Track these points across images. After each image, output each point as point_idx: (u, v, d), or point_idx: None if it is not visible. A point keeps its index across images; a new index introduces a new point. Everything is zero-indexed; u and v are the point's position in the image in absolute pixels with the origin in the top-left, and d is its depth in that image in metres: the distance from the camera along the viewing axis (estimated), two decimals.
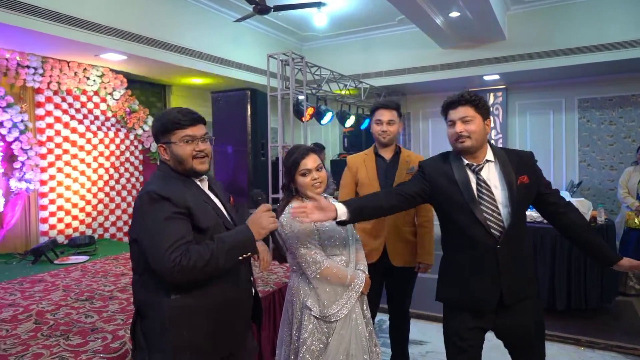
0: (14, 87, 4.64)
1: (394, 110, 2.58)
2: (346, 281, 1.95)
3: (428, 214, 2.63)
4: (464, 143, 1.81)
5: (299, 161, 1.98)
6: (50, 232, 4.97)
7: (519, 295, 1.83)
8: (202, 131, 1.63)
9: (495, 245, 1.78)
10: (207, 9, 5.94)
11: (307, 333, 1.93)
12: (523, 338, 1.87)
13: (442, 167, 1.90)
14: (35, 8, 3.95)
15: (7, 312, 2.80)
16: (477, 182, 1.83)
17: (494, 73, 6.80)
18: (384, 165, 2.63)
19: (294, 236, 1.94)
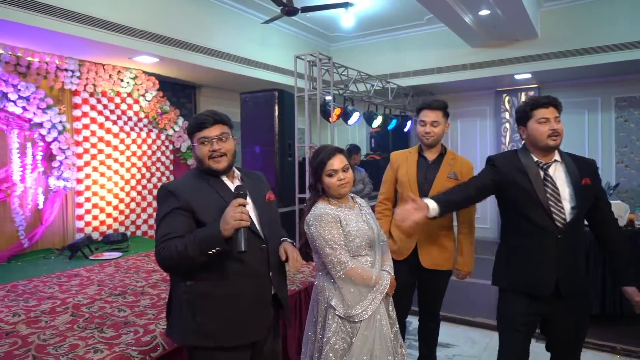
0: (53, 90, 4.84)
1: (438, 110, 2.49)
2: (371, 282, 1.94)
3: (466, 220, 2.55)
4: (556, 140, 1.99)
5: (326, 161, 1.98)
6: (85, 228, 5.16)
7: (573, 287, 1.98)
8: (217, 131, 1.70)
9: (557, 235, 1.96)
10: (236, 11, 6.04)
11: (330, 332, 1.94)
12: (567, 334, 2.03)
13: (512, 161, 2.09)
14: (72, 13, 4.12)
15: (46, 304, 2.94)
16: (544, 178, 2.01)
17: (526, 72, 6.63)
18: (425, 165, 2.56)
19: (320, 236, 1.94)
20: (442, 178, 2.51)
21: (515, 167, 2.05)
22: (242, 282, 1.68)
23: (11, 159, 4.52)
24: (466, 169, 2.56)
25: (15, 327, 2.52)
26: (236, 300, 1.67)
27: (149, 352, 2.18)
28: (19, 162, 4.56)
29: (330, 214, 1.96)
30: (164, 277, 3.53)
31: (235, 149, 1.81)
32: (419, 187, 2.53)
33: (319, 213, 1.97)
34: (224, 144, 1.72)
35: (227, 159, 1.73)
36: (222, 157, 1.71)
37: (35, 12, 3.84)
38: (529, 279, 2.01)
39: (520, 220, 2.06)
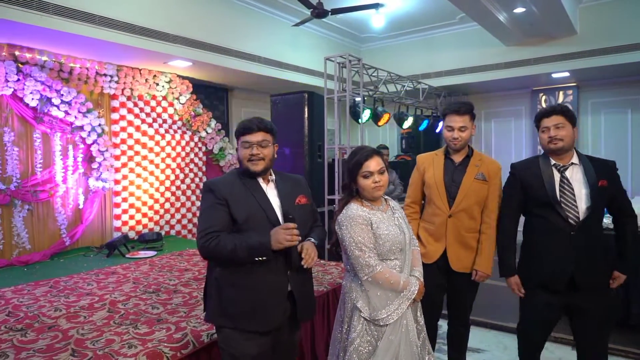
0: (93, 94, 5.06)
1: (466, 115, 2.45)
2: (398, 287, 1.93)
3: (490, 221, 2.50)
4: (557, 144, 2.17)
5: (362, 162, 1.97)
6: (122, 228, 5.36)
7: (589, 279, 2.13)
8: (258, 138, 1.88)
9: (570, 232, 2.13)
10: (267, 14, 6.12)
11: (355, 333, 1.94)
12: (590, 326, 2.17)
13: (529, 166, 2.31)
14: (112, 21, 4.29)
15: (85, 300, 3.07)
16: (561, 179, 2.19)
17: (564, 70, 6.40)
18: (452, 168, 2.53)
19: (350, 237, 1.94)
20: (470, 180, 2.48)
21: (532, 172, 2.28)
22: (262, 276, 1.86)
23: (54, 160, 4.75)
24: (493, 170, 2.53)
25: (56, 321, 2.65)
26: (255, 291, 1.86)
27: (180, 349, 2.25)
28: (61, 163, 4.79)
29: (362, 215, 1.95)
30: (195, 277, 3.62)
31: (273, 154, 1.95)
32: (447, 189, 2.50)
33: (351, 214, 1.96)
34: (263, 149, 1.89)
35: (264, 163, 1.90)
36: (260, 161, 1.89)
37: (77, 20, 4.02)
38: (546, 273, 2.20)
39: (536, 219, 2.27)
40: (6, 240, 4.40)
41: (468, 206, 2.48)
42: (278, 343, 1.97)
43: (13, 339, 2.39)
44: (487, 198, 2.49)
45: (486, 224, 2.51)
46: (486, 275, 2.53)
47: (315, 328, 3.12)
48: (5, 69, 4.17)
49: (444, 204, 2.48)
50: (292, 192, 2.00)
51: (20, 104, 4.44)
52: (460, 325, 2.71)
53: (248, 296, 1.86)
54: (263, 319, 1.86)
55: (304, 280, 2.01)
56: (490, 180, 2.49)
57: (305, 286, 2.01)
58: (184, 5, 5.00)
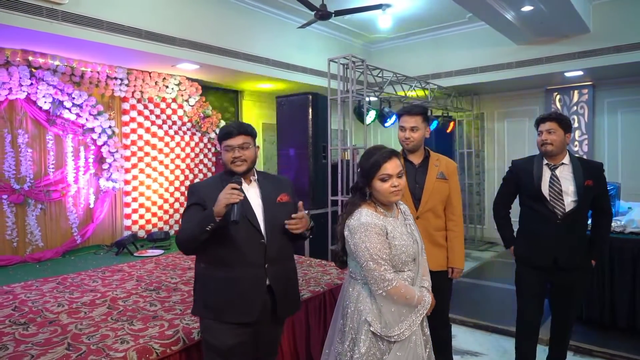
0: (104, 97, 5.21)
1: (417, 116, 2.51)
2: (413, 302, 1.79)
3: (456, 218, 2.59)
4: (546, 147, 2.53)
5: (381, 164, 1.81)
6: (132, 227, 5.50)
7: (570, 261, 2.52)
8: (239, 141, 1.97)
9: (556, 221, 2.50)
10: (274, 16, 6.18)
11: (364, 349, 1.80)
12: (566, 296, 2.65)
13: (526, 164, 2.67)
14: (120, 26, 4.41)
15: (88, 296, 3.17)
16: (551, 177, 2.54)
17: (577, 69, 6.26)
18: (413, 170, 2.59)
19: (365, 247, 1.77)
20: (432, 180, 2.54)
21: (526, 169, 2.63)
22: (240, 270, 1.93)
23: (66, 161, 4.92)
24: (451, 168, 2.62)
25: (58, 316, 2.75)
26: (233, 284, 1.93)
27: (170, 345, 2.31)
28: (73, 164, 4.96)
29: (378, 224, 1.80)
30: None
31: (255, 156, 2.05)
32: (411, 191, 2.54)
33: (366, 222, 1.79)
34: (244, 151, 1.99)
35: (247, 164, 2.00)
36: (243, 163, 1.99)
37: (85, 26, 4.16)
38: (534, 254, 2.61)
39: (529, 210, 2.65)
40: (20, 237, 4.58)
41: (433, 206, 2.54)
42: (260, 335, 2.02)
43: (15, 332, 2.50)
44: (450, 196, 2.57)
45: (453, 221, 2.58)
46: (461, 271, 2.60)
47: (311, 329, 3.15)
48: (20, 74, 4.34)
49: (411, 207, 2.50)
50: (273, 191, 2.06)
51: (34, 107, 4.61)
52: (441, 327, 2.68)
53: (227, 289, 1.93)
54: (241, 311, 1.93)
55: (285, 275, 2.04)
56: (450, 178, 2.58)
57: (285, 281, 2.03)
58: (190, 9, 5.10)
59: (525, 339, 2.75)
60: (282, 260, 2.02)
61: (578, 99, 7.21)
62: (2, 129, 4.46)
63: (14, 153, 4.53)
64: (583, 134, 7.16)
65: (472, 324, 3.81)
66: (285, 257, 2.05)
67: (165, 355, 2.26)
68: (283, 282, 2.02)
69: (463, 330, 3.77)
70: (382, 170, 1.81)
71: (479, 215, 8.10)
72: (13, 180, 4.51)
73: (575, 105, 7.21)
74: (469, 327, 3.79)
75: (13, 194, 4.49)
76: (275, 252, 1.96)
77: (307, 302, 3.13)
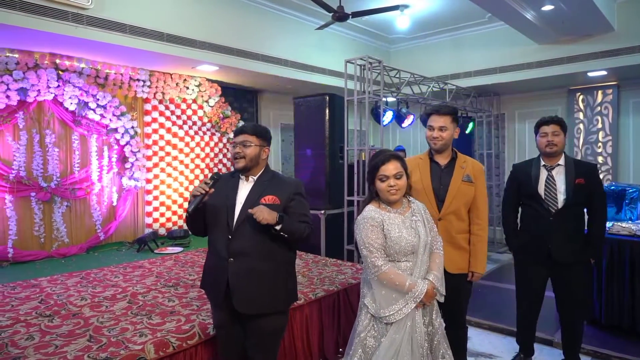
0: (127, 98, 5.37)
1: (447, 115, 2.48)
2: (403, 289, 1.95)
3: (481, 222, 2.53)
4: (552, 148, 2.74)
5: (379, 166, 2.05)
6: (153, 224, 5.64)
7: (564, 254, 2.71)
8: (241, 139, 2.13)
9: (549, 218, 2.73)
10: (292, 18, 6.24)
11: (362, 327, 2.04)
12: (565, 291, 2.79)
13: (525, 166, 2.91)
14: (143, 30, 4.54)
15: (109, 291, 3.29)
16: (547, 177, 2.77)
17: (601, 69, 6.11)
18: (439, 171, 2.55)
19: (361, 237, 2.03)
20: (457, 182, 2.50)
21: (525, 171, 2.87)
22: (213, 258, 2.16)
23: (90, 160, 5.08)
24: (478, 171, 2.57)
25: (81, 309, 2.87)
26: (208, 270, 2.21)
27: (186, 339, 2.39)
28: (97, 163, 5.12)
29: (374, 217, 2.03)
30: None
31: (256, 155, 2.13)
32: (435, 192, 2.51)
33: (365, 215, 2.05)
34: (244, 148, 2.11)
35: (245, 161, 2.11)
36: (241, 159, 2.11)
37: (109, 30, 4.29)
38: (530, 248, 2.82)
39: (527, 208, 2.88)
40: (47, 233, 4.76)
41: (457, 208, 2.48)
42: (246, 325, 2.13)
43: (41, 324, 2.62)
44: (475, 199, 2.51)
45: (478, 225, 2.53)
46: (481, 275, 2.57)
47: (324, 327, 3.19)
48: (47, 76, 4.51)
49: (433, 208, 2.48)
50: (264, 192, 2.09)
51: (61, 108, 4.79)
52: (457, 328, 2.68)
53: (206, 272, 2.23)
54: (212, 294, 2.19)
55: (248, 272, 2.05)
56: (477, 181, 2.52)
57: (247, 278, 2.04)
58: (210, 12, 5.20)
59: (525, 332, 3.03)
60: (250, 258, 2.04)
61: (602, 99, 7.04)
62: (31, 129, 4.65)
63: (41, 152, 4.71)
64: (607, 135, 6.99)
65: (488, 326, 3.78)
66: (256, 255, 2.05)
67: (181, 349, 2.34)
68: (243, 279, 2.04)
69: (478, 332, 3.74)
70: (380, 172, 2.05)
71: (499, 217, 7.99)
72: (41, 178, 4.70)
73: (599, 105, 7.05)
74: (484, 330, 3.77)
75: (41, 191, 4.67)
76: (240, 248, 2.05)
77: (321, 300, 3.18)
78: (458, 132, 2.57)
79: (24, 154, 4.57)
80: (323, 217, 4.95)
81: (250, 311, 2.06)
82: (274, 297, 2.09)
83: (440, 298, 2.08)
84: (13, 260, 4.47)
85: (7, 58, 4.29)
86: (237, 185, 2.15)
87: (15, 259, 4.48)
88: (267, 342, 2.14)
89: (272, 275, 2.09)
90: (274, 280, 2.09)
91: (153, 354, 2.22)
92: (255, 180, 2.15)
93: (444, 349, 2.10)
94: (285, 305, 2.18)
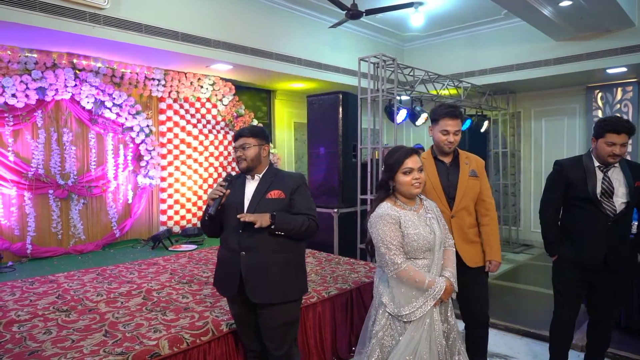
0: (142, 97, 5.42)
1: (459, 119, 2.49)
2: (423, 286, 1.95)
3: (491, 214, 2.57)
4: (615, 159, 2.50)
5: (403, 160, 2.05)
6: (168, 222, 5.69)
7: (619, 262, 2.53)
8: (240, 142, 2.24)
9: (607, 223, 2.50)
10: (306, 16, 6.24)
11: (379, 326, 2.03)
12: (608, 298, 2.61)
13: (575, 166, 2.62)
14: (157, 29, 4.58)
15: (125, 287, 3.33)
16: (603, 179, 2.53)
17: (620, 65, 5.98)
18: (445, 170, 2.56)
19: (378, 235, 2.01)
20: (465, 178, 2.52)
21: (576, 171, 2.60)
22: (226, 253, 2.25)
23: (107, 159, 5.15)
24: (481, 165, 2.62)
25: (97, 305, 2.91)
26: (221, 263, 2.31)
27: (199, 335, 2.41)
28: (113, 161, 5.19)
29: (391, 214, 2.02)
30: None
31: (256, 154, 2.25)
32: (444, 190, 2.51)
33: (381, 213, 2.03)
34: (244, 151, 2.23)
35: (247, 163, 2.23)
36: (243, 161, 2.23)
37: (125, 30, 4.34)
38: (585, 255, 2.56)
39: (577, 210, 2.61)
40: (64, 230, 4.84)
41: (467, 204, 2.51)
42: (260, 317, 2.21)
43: (58, 318, 2.67)
44: (482, 193, 2.55)
45: (487, 216, 2.56)
46: (499, 264, 2.59)
47: (337, 325, 3.19)
48: (65, 75, 4.59)
49: (445, 206, 2.47)
50: (269, 188, 2.22)
51: (78, 106, 4.86)
52: (479, 327, 2.64)
53: (219, 266, 2.32)
54: (221, 286, 2.30)
55: (260, 264, 2.16)
56: (481, 175, 2.56)
57: (258, 270, 2.15)
58: (224, 11, 5.22)
59: (561, 341, 2.76)
60: (260, 251, 2.15)
61: (622, 96, 6.89)
62: (49, 127, 4.73)
63: (59, 150, 4.79)
64: None
65: (504, 326, 3.73)
66: (266, 248, 2.15)
67: (194, 345, 2.36)
68: (255, 270, 2.15)
69: (494, 332, 3.68)
70: (404, 165, 2.04)
71: (514, 217, 7.89)
72: (58, 176, 4.78)
73: (619, 103, 6.90)
74: (500, 330, 3.72)
75: (58, 189, 4.75)
76: (250, 243, 2.15)
77: (334, 299, 3.18)
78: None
79: (42, 152, 4.65)
80: (336, 215, 4.93)
81: (263, 300, 2.15)
82: (284, 287, 2.18)
83: (454, 295, 2.08)
84: (32, 256, 4.56)
85: (27, 58, 4.37)
86: (245, 184, 2.27)
87: (34, 255, 4.57)
88: (281, 332, 2.20)
89: (282, 266, 2.18)
90: (284, 271, 2.19)
91: (167, 350, 2.24)
92: (261, 177, 2.27)
93: (459, 345, 2.10)
94: (296, 295, 2.26)
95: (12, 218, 4.48)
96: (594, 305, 2.70)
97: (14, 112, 4.40)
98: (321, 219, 2.95)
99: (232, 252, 2.19)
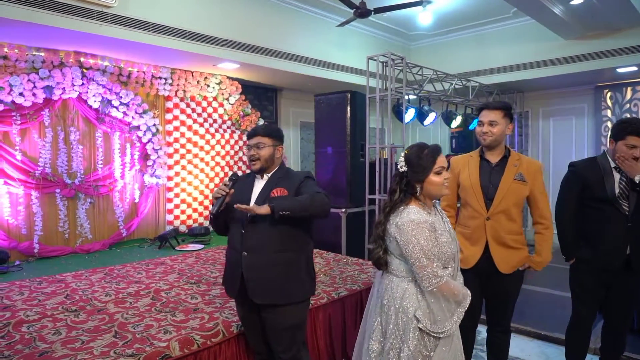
0: (149, 96, 5.41)
1: (498, 110, 2.37)
2: (460, 297, 1.80)
3: (546, 222, 2.44)
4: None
5: (436, 158, 1.85)
6: (174, 221, 5.67)
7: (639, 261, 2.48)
8: (254, 141, 2.19)
9: (627, 224, 2.46)
10: (313, 15, 6.20)
11: (412, 346, 1.77)
12: (625, 299, 2.58)
13: (590, 166, 2.58)
14: (165, 27, 4.56)
15: (133, 287, 3.30)
16: (620, 179, 2.48)
17: (631, 64, 5.92)
18: (489, 169, 2.44)
19: (418, 244, 1.77)
20: (508, 181, 2.37)
21: (593, 172, 2.55)
22: (231, 253, 2.25)
23: (113, 158, 5.14)
24: (533, 169, 2.42)
25: (105, 305, 2.89)
26: (228, 264, 2.29)
27: (210, 337, 2.37)
28: (120, 160, 5.17)
29: (428, 220, 1.81)
30: None
31: (270, 155, 2.20)
32: (483, 191, 2.41)
33: (417, 218, 1.79)
34: (259, 150, 2.18)
35: (260, 163, 2.18)
36: (257, 161, 2.19)
37: (133, 28, 4.32)
38: (605, 256, 2.51)
39: (594, 211, 2.56)
40: (71, 229, 4.83)
41: (507, 208, 2.37)
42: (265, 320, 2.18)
43: (67, 319, 2.64)
44: (535, 199, 2.42)
45: (542, 224, 2.44)
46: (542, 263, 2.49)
47: (347, 328, 3.15)
48: (72, 74, 4.57)
49: (481, 206, 2.39)
50: (274, 187, 2.18)
51: (85, 105, 4.85)
52: (501, 331, 2.60)
53: (225, 266, 2.32)
54: (228, 286, 2.29)
55: (262, 264, 2.11)
56: (533, 181, 2.40)
57: (259, 271, 2.11)
58: (232, 10, 5.19)
59: (579, 346, 2.71)
60: (262, 251, 2.11)
61: (631, 96, 6.82)
62: (56, 126, 4.72)
63: (66, 149, 4.77)
64: None
65: (514, 329, 3.67)
66: (267, 249, 2.11)
67: (205, 347, 2.33)
68: (256, 271, 2.11)
69: None
70: (437, 164, 1.84)
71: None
72: (65, 175, 4.76)
73: (628, 102, 6.83)
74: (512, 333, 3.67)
75: (65, 188, 4.74)
76: (252, 243, 2.12)
77: (344, 300, 3.14)
78: (511, 128, 2.44)
79: (49, 151, 4.64)
80: (344, 215, 4.90)
81: (263, 301, 2.12)
82: (287, 289, 2.12)
83: None
84: (39, 256, 4.55)
85: (34, 56, 4.36)
86: (252, 184, 2.25)
87: (41, 254, 4.56)
88: (286, 335, 2.15)
89: (285, 267, 2.12)
90: (287, 272, 2.13)
91: (178, 351, 2.21)
92: (269, 177, 2.23)
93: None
94: (300, 296, 2.16)
95: (19, 217, 4.48)
96: (609, 307, 2.63)
97: (22, 111, 4.39)
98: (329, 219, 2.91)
99: (235, 252, 2.18)
